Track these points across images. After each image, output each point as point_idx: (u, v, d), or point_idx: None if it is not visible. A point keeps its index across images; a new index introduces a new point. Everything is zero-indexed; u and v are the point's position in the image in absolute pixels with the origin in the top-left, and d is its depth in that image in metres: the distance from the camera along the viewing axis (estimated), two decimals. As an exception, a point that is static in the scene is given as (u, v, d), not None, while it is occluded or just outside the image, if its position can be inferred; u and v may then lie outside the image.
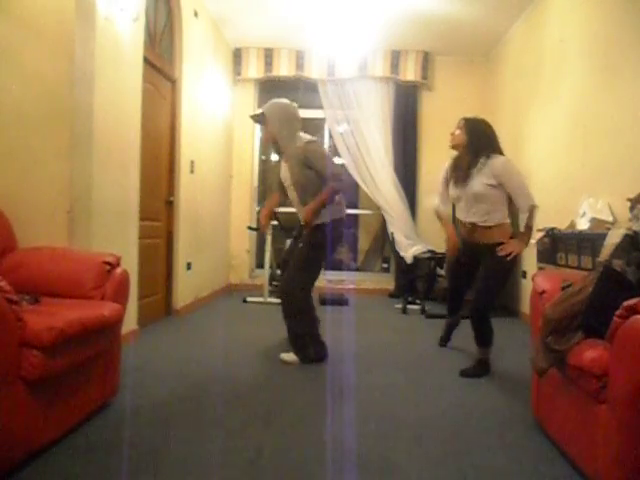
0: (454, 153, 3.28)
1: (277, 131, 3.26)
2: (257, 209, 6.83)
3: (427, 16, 5.47)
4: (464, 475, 1.89)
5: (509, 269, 3.18)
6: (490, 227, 3.12)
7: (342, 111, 6.70)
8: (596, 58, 3.84)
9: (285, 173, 3.36)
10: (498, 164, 3.06)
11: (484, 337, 3.17)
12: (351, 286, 6.80)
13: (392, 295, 6.48)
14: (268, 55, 6.57)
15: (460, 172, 3.17)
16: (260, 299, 5.64)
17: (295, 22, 5.74)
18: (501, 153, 3.15)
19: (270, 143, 3.39)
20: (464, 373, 3.14)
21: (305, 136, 3.31)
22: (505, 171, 3.06)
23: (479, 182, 3.07)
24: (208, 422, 2.31)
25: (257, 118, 3.37)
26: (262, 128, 3.45)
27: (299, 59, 6.55)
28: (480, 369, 3.17)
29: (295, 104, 3.39)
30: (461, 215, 3.25)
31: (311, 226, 3.25)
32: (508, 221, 3.17)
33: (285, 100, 3.37)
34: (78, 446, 2.01)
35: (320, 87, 6.66)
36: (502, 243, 3.09)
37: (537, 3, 5.03)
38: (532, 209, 3.07)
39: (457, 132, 3.21)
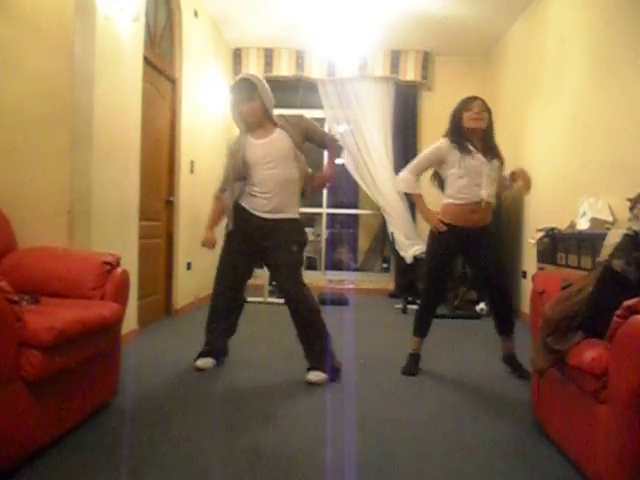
0: None
1: (267, 103, 3.00)
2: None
3: (427, 16, 5.47)
4: (464, 475, 1.89)
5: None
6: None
7: (342, 111, 6.69)
8: (596, 58, 3.84)
9: (265, 150, 2.96)
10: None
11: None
12: (351, 286, 6.79)
13: (392, 295, 6.46)
14: (268, 55, 6.57)
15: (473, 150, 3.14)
16: (260, 299, 5.64)
17: (295, 22, 5.74)
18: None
19: (255, 117, 2.97)
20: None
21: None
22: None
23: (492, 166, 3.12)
24: (208, 422, 2.31)
25: (244, 85, 2.95)
26: (245, 100, 2.96)
27: (299, 59, 6.55)
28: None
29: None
30: (468, 192, 3.06)
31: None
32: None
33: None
34: (78, 446, 2.01)
35: (320, 87, 6.65)
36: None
37: (537, 3, 5.03)
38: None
39: (484, 114, 3.22)
